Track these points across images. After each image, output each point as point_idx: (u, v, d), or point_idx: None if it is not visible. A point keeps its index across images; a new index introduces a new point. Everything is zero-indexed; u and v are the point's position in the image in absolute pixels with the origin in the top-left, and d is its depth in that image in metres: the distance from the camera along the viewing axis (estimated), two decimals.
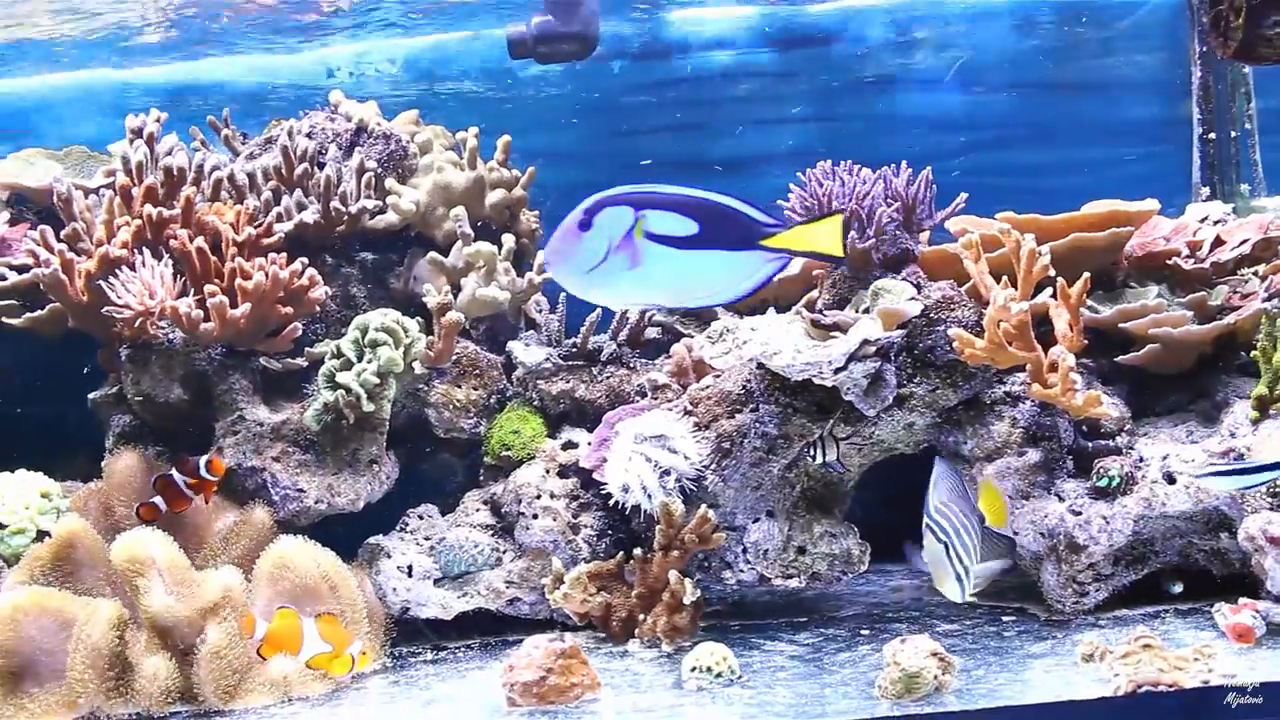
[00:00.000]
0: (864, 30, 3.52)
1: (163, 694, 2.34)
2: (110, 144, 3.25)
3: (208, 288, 2.64)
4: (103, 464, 2.87)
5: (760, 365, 2.60)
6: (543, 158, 3.09)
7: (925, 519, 2.20)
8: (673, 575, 2.51)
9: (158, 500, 2.56)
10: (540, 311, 3.04)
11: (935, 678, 2.13)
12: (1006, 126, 3.33)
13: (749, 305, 2.99)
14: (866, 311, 2.59)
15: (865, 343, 2.43)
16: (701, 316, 3.09)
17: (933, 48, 3.45)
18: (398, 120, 3.12)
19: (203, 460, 2.53)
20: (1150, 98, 3.45)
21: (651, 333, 2.99)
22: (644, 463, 2.56)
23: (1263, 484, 2.36)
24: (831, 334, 2.51)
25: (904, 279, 2.64)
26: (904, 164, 2.67)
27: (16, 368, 3.14)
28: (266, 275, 2.64)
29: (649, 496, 2.55)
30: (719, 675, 2.29)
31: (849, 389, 2.51)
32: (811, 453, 2.51)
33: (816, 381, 2.49)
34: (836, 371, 2.45)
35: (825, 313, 2.56)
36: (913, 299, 2.56)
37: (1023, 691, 2.14)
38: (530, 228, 3.05)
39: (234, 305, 2.65)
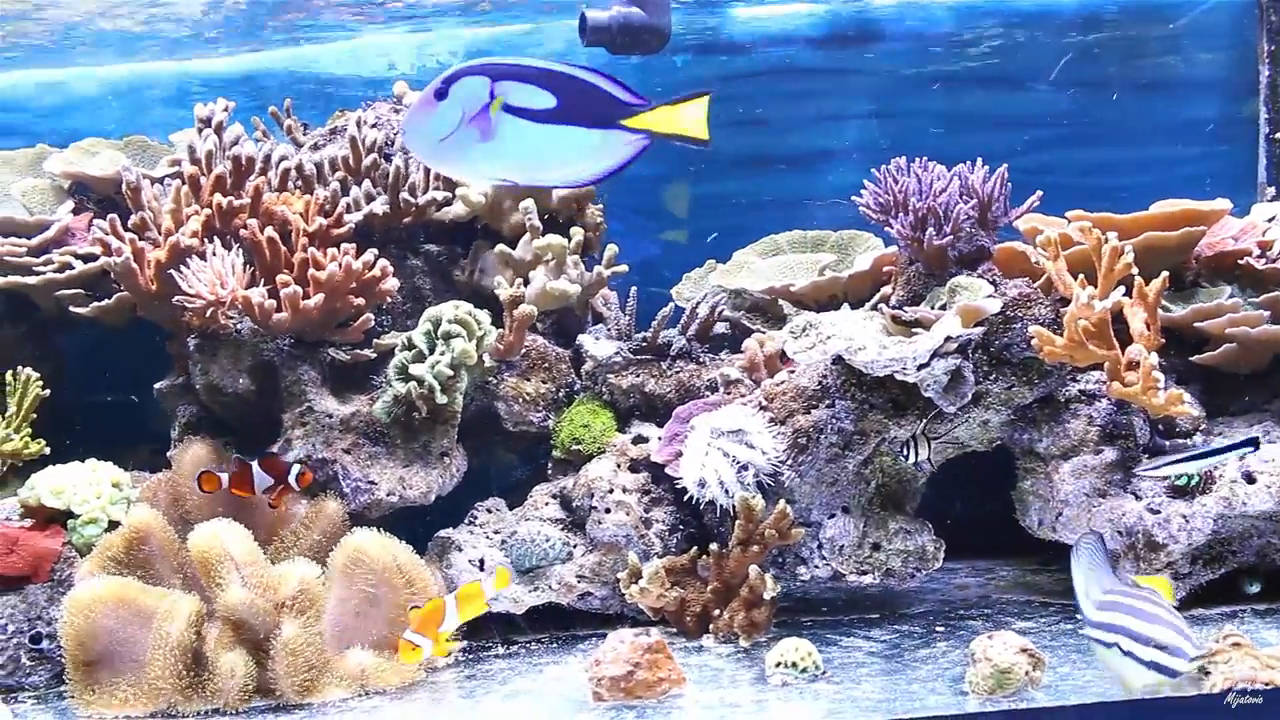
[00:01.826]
0: (926, 26, 3.51)
1: (240, 690, 2.32)
2: (172, 134, 3.24)
3: (280, 277, 2.63)
4: (168, 454, 2.87)
5: (836, 361, 2.59)
6: None
7: (1086, 627, 1.96)
8: (752, 570, 2.50)
9: (222, 476, 2.54)
10: (607, 305, 3.03)
11: (1026, 674, 2.12)
12: (1067, 124, 3.33)
13: (818, 301, 2.99)
14: (943, 308, 2.59)
15: (948, 339, 2.43)
16: (768, 312, 3.09)
17: (994, 43, 3.44)
18: None
19: (295, 470, 2.51)
20: (1211, 97, 3.45)
21: (719, 328, 2.98)
22: (721, 458, 2.55)
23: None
24: (913, 330, 2.50)
25: (980, 276, 2.64)
26: (979, 161, 2.66)
27: (79, 357, 3.13)
28: (340, 265, 2.62)
29: (726, 492, 2.54)
30: (804, 670, 2.28)
31: (929, 385, 2.50)
32: (904, 452, 2.50)
33: (898, 377, 2.49)
34: (920, 368, 2.45)
35: (905, 309, 2.55)
36: (991, 296, 2.55)
37: (1113, 688, 2.14)
38: (595, 221, 3.04)
39: (306, 296, 2.63)
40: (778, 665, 2.29)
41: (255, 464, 2.52)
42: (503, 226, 2.99)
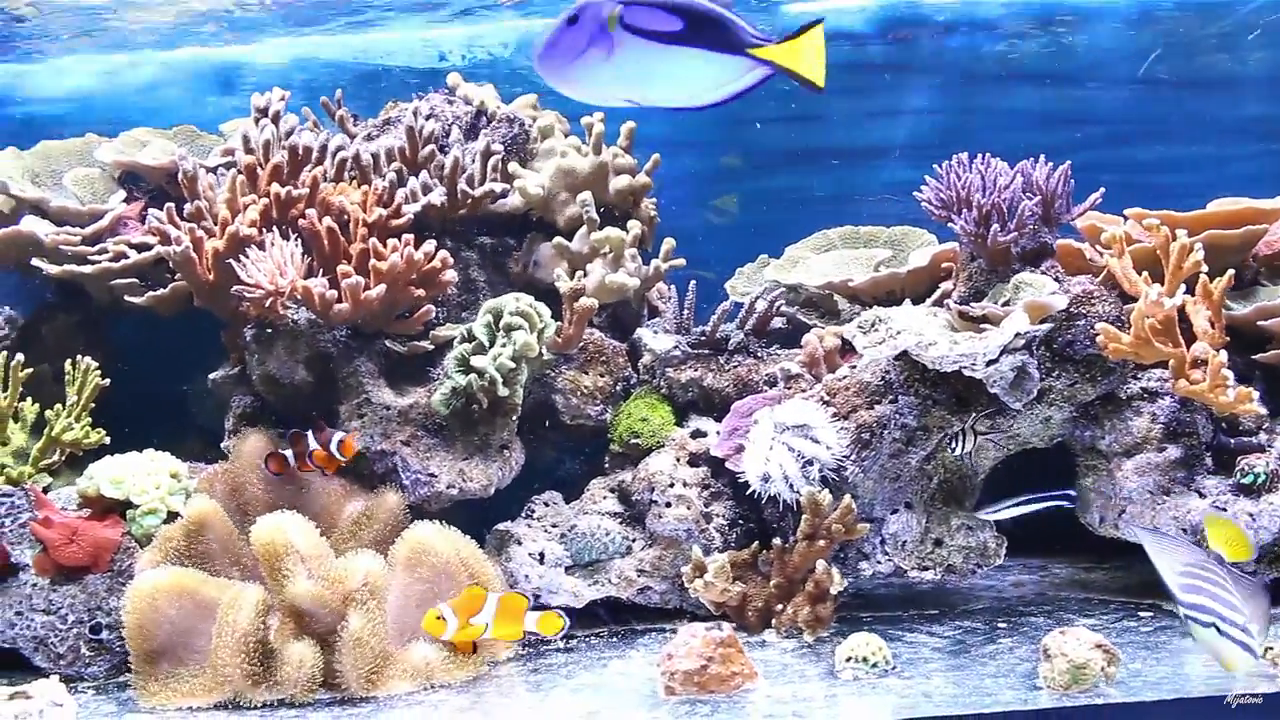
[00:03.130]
0: (980, 23, 3.51)
1: (308, 681, 2.30)
2: (222, 123, 3.23)
3: (341, 268, 2.62)
4: (223, 445, 2.85)
5: (899, 356, 2.59)
6: (655, 146, 3.06)
7: (1180, 609, 1.96)
8: (819, 565, 2.50)
9: (289, 454, 2.53)
10: (662, 299, 3.02)
11: (1101, 669, 2.12)
12: (1120, 122, 3.33)
13: (875, 297, 2.99)
14: (1007, 305, 2.58)
15: (1017, 335, 2.42)
16: (821, 307, 3.08)
17: (1048, 41, 3.44)
18: (516, 104, 3.10)
19: (336, 437, 2.51)
20: (1264, 95, 3.44)
21: (775, 323, 2.97)
22: (786, 452, 2.54)
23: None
24: (980, 326, 2.50)
25: (1043, 273, 2.63)
26: (1041, 157, 2.66)
27: (127, 347, 3.11)
28: (402, 256, 2.61)
29: (790, 486, 2.53)
30: (874, 665, 2.28)
31: (995, 381, 2.50)
32: (952, 444, 2.50)
33: (966, 373, 2.49)
34: (989, 364, 2.44)
35: (971, 305, 2.55)
36: (1055, 293, 2.55)
37: (1187, 685, 2.14)
38: (650, 214, 3.03)
39: (367, 286, 2.62)
40: (848, 660, 2.29)
41: (309, 434, 2.52)
42: (558, 219, 2.97)
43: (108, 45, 3.55)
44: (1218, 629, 1.89)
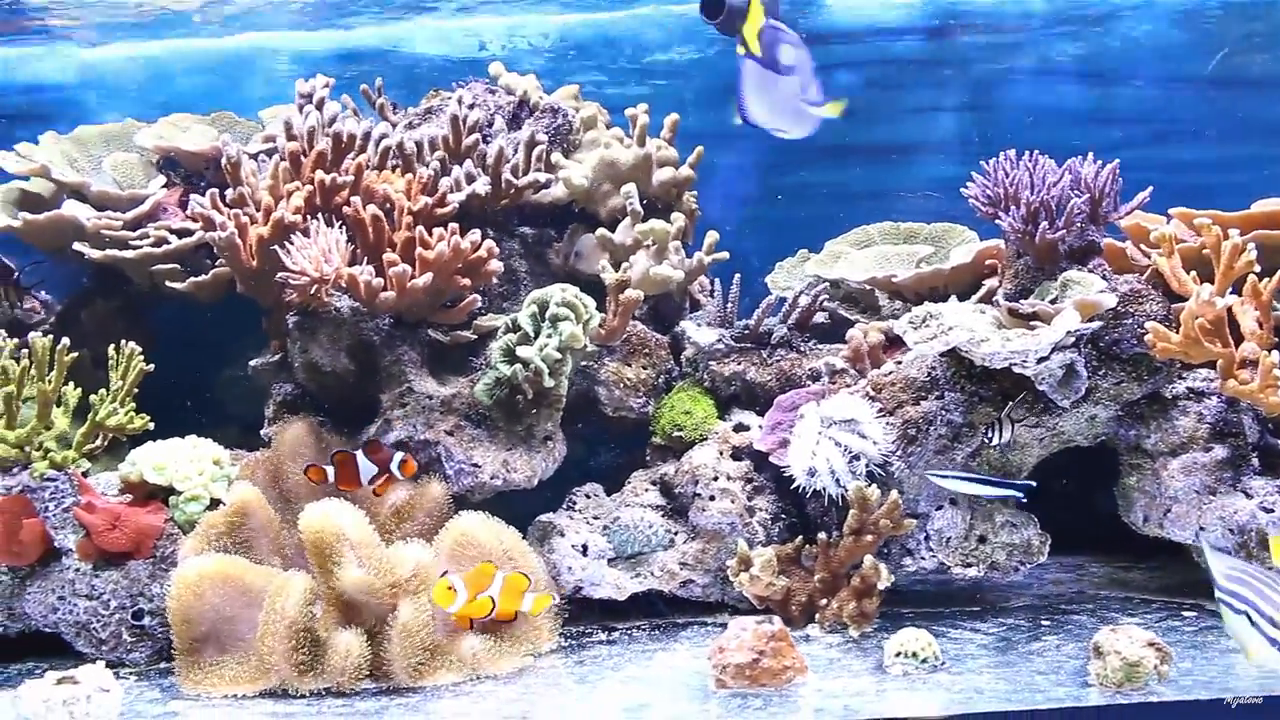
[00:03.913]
0: (1023, 20, 3.50)
1: (355, 670, 2.28)
2: (261, 110, 3.21)
3: (387, 256, 2.60)
4: (263, 432, 2.84)
5: (946, 353, 2.58)
6: (696, 139, 3.06)
7: (1217, 591, 1.94)
8: (867, 560, 2.50)
9: (330, 470, 2.51)
10: (704, 292, 3.01)
11: (1154, 667, 2.12)
12: (1163, 122, 3.32)
13: (918, 293, 2.98)
14: (1054, 303, 2.58)
15: (1068, 333, 2.42)
16: (861, 302, 3.08)
17: (1092, 39, 3.43)
18: (558, 94, 3.09)
19: (397, 458, 2.49)
20: None
21: (817, 317, 2.96)
22: (833, 447, 2.54)
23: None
24: (1030, 323, 2.50)
25: (1090, 271, 2.63)
26: (1090, 155, 2.65)
27: (165, 333, 3.10)
28: (448, 245, 2.60)
29: (837, 481, 2.53)
30: (924, 661, 2.27)
31: (1044, 379, 2.50)
32: (988, 434, 2.50)
33: (1015, 370, 2.48)
34: (1039, 361, 2.44)
35: (1021, 302, 2.55)
36: (1103, 291, 2.55)
37: (1238, 684, 2.14)
38: (691, 207, 3.02)
39: (413, 275, 2.61)
40: (898, 655, 2.28)
41: (360, 453, 2.49)
42: (600, 210, 2.97)
43: (140, 31, 3.53)
44: (1250, 618, 1.87)
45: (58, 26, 3.45)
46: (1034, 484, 2.55)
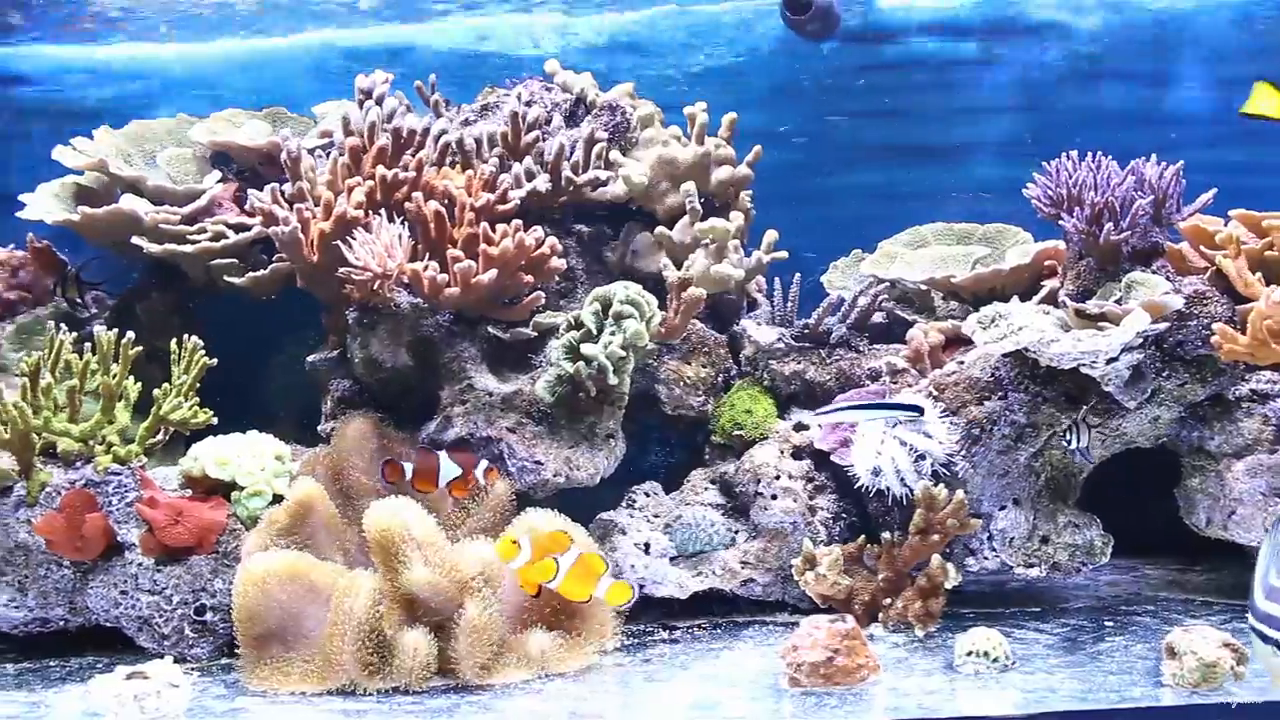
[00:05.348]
0: (1074, 21, 3.51)
1: (422, 668, 2.27)
2: (315, 105, 3.21)
3: (452, 252, 2.60)
4: (320, 428, 2.84)
5: (1010, 353, 2.58)
6: (747, 138, 3.05)
7: (1250, 618, 1.74)
8: (935, 559, 2.50)
9: (407, 467, 2.51)
10: (761, 291, 3.01)
11: (1231, 668, 2.12)
12: (1217, 124, 3.32)
13: (976, 293, 2.98)
14: (1118, 303, 2.58)
15: (1138, 334, 2.42)
16: (916, 302, 3.08)
17: (1145, 41, 3.44)
18: (613, 93, 3.08)
19: (482, 465, 2.49)
20: None
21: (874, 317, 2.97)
22: (898, 446, 2.54)
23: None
24: (1098, 324, 2.50)
25: (1154, 273, 2.64)
26: (1153, 156, 2.66)
27: (217, 329, 3.08)
28: (513, 241, 2.59)
29: (901, 480, 2.53)
30: (995, 660, 2.27)
31: (1111, 379, 2.50)
32: (1066, 438, 2.50)
33: (1083, 370, 2.48)
34: (1109, 361, 2.44)
35: (1089, 303, 2.55)
36: (1168, 293, 2.55)
37: None
38: (746, 206, 3.02)
39: (477, 271, 2.60)
40: (969, 654, 2.28)
41: (444, 454, 2.48)
42: (657, 209, 2.96)
43: (191, 27, 3.52)
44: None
45: (110, 23, 3.44)
46: (920, 406, 2.53)
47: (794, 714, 2.09)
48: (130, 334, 2.58)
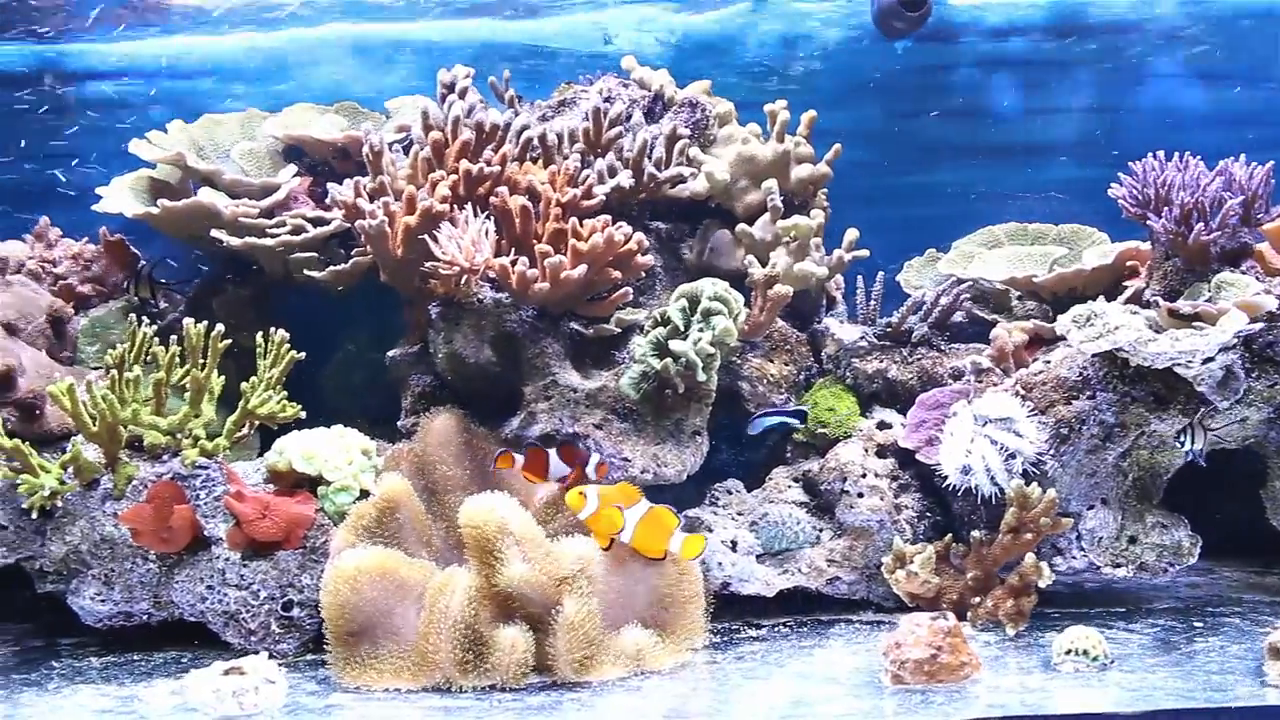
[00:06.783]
0: (1150, 21, 3.51)
1: (519, 665, 2.25)
2: (387, 100, 3.20)
3: (541, 247, 2.58)
4: (399, 423, 2.82)
5: (1098, 353, 2.58)
6: (821, 136, 3.05)
7: None
8: (1028, 558, 2.49)
9: (519, 458, 2.50)
10: (840, 290, 3.01)
11: None
12: None
13: (1056, 293, 2.98)
14: (1208, 304, 2.58)
15: (1236, 334, 2.42)
16: (991, 302, 3.08)
17: (1223, 41, 3.44)
18: (690, 90, 3.07)
19: (594, 460, 2.49)
20: None
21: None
22: (989, 445, 2.53)
23: None
24: (1191, 324, 2.49)
25: (1243, 273, 2.63)
26: (1243, 157, 2.66)
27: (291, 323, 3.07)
28: (603, 237, 2.58)
29: (991, 479, 2.52)
30: (1095, 659, 2.26)
31: (1204, 379, 2.49)
32: (1180, 440, 2.49)
33: (1177, 371, 2.48)
34: (1204, 362, 2.44)
35: (1182, 303, 2.54)
36: (1260, 294, 2.54)
37: None
38: (823, 204, 3.01)
39: (566, 266, 2.59)
40: (1068, 653, 2.27)
41: (553, 452, 2.48)
42: (736, 206, 2.95)
43: (260, 19, 3.51)
44: None
45: (178, 15, 3.43)
46: (805, 409, 2.75)
47: (900, 711, 2.08)
48: (220, 327, 2.56)
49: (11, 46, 3.47)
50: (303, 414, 2.63)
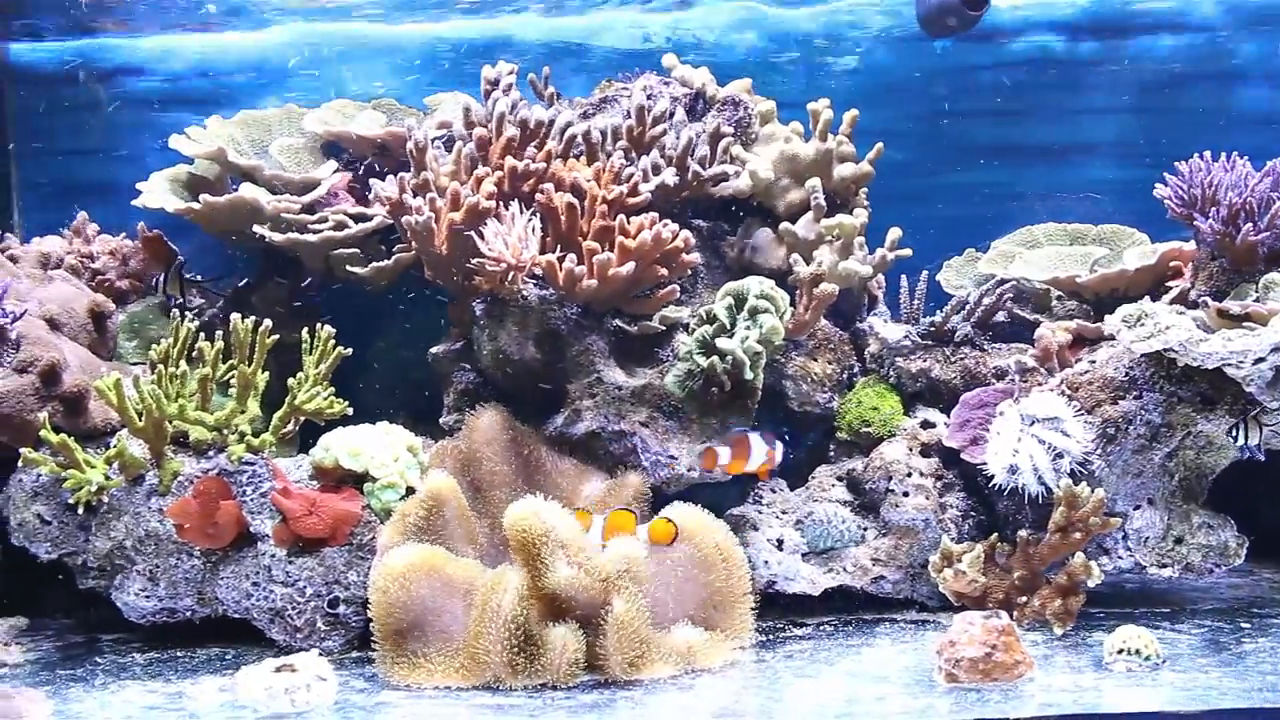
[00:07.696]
0: (1191, 21, 3.52)
1: (570, 664, 2.23)
2: (426, 97, 3.19)
3: (588, 244, 2.58)
4: (442, 420, 2.81)
5: (1145, 353, 2.57)
6: (860, 135, 3.04)
7: None
8: (1078, 557, 2.49)
9: (723, 451, 2.55)
10: (882, 289, 3.00)
11: None
12: None
13: (1098, 294, 2.98)
14: (1258, 304, 2.57)
15: None
16: (1031, 301, 3.08)
17: (1264, 41, 3.43)
18: (731, 88, 3.07)
19: (779, 447, 2.54)
20: None
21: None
22: (1036, 444, 2.53)
23: None
24: (1241, 324, 2.49)
25: None
26: None
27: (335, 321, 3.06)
28: (650, 234, 2.58)
29: (1039, 478, 2.52)
30: (1147, 658, 2.26)
31: (1253, 380, 2.49)
32: (1234, 434, 2.49)
33: (1227, 371, 2.48)
34: (1256, 362, 2.43)
35: (1232, 303, 2.54)
36: None
37: None
38: (863, 204, 3.01)
39: (614, 263, 2.58)
40: (1119, 652, 2.27)
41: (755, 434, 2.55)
42: (777, 204, 2.95)
43: (297, 15, 3.50)
44: None
45: (211, 12, 3.42)
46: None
47: (957, 709, 2.07)
48: (268, 322, 2.55)
49: (50, 43, 3.47)
50: (349, 410, 2.62)
